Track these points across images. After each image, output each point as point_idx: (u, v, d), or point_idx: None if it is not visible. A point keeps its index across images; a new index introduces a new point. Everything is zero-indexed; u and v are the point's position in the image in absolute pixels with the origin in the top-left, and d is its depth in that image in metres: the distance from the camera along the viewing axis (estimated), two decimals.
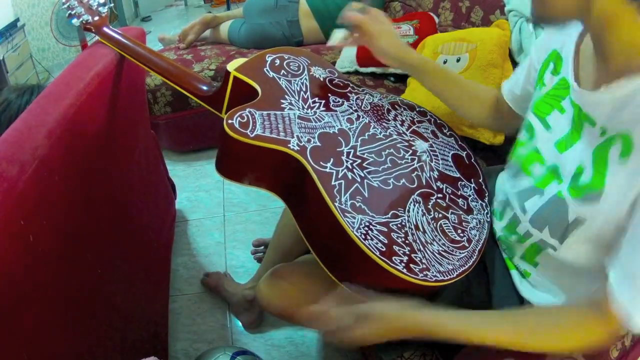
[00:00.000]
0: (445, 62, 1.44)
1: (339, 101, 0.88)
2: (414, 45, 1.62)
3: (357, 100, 0.90)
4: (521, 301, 0.74)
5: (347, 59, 1.80)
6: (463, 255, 0.71)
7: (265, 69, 0.87)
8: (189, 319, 1.31)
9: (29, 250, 0.58)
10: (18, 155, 0.59)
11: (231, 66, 0.87)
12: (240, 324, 1.29)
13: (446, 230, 0.73)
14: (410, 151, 0.83)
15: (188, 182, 1.85)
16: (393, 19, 1.92)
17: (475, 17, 1.60)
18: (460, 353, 0.68)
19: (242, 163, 0.77)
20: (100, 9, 1.06)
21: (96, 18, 1.05)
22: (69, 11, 1.05)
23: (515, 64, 1.39)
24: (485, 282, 0.78)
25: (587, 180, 0.60)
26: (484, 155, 1.32)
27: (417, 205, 0.74)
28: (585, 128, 0.62)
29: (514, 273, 0.76)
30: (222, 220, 1.66)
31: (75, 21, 1.04)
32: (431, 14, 1.79)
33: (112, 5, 3.47)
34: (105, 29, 1.03)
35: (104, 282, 0.84)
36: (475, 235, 0.75)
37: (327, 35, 2.00)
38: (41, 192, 0.62)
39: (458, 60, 1.41)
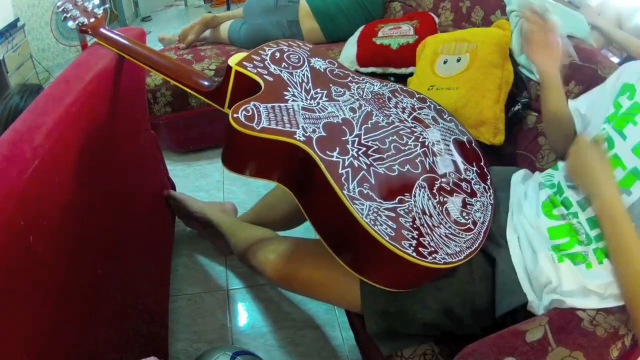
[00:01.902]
0: (445, 62, 1.44)
1: (340, 91, 0.90)
2: (414, 45, 1.62)
3: (358, 90, 0.92)
4: (524, 299, 0.74)
5: (347, 59, 1.79)
6: (469, 237, 0.73)
7: (266, 62, 0.88)
8: (189, 319, 1.31)
9: (29, 250, 0.58)
10: (18, 155, 0.59)
11: (232, 60, 0.87)
12: (239, 323, 1.29)
13: (452, 214, 0.75)
14: (413, 137, 0.85)
15: (188, 182, 1.85)
16: (393, 19, 1.92)
17: (475, 17, 1.60)
18: (460, 353, 0.68)
19: (249, 156, 0.78)
20: (96, 10, 1.05)
21: (92, 20, 1.03)
22: (64, 14, 1.03)
23: (515, 64, 1.39)
24: (490, 277, 0.79)
25: None
26: None
27: (422, 190, 0.76)
28: None
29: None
30: None
31: (71, 24, 1.03)
32: (431, 14, 1.79)
33: (107, 6, 3.46)
34: (102, 30, 1.02)
35: (104, 282, 0.84)
36: (480, 218, 0.77)
37: (328, 35, 2.00)
38: (41, 192, 0.62)
39: (458, 60, 1.41)
